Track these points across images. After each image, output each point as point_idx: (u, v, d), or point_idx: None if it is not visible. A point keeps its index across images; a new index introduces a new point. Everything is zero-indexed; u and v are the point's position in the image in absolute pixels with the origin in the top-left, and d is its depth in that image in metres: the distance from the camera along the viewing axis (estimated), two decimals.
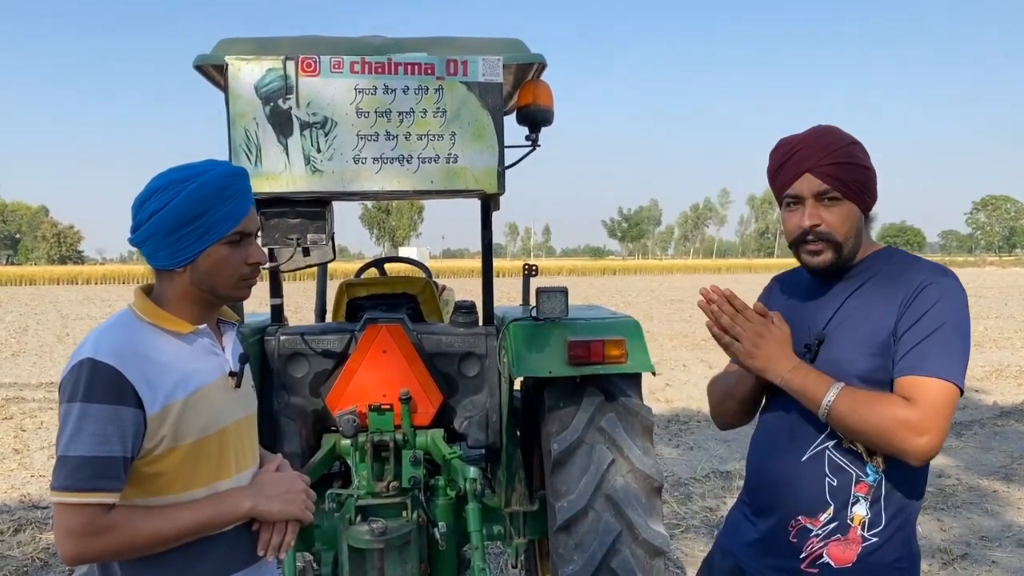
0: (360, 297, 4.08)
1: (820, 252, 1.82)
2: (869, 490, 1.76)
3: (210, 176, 1.72)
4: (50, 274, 60.08)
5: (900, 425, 1.64)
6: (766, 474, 1.91)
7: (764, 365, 1.81)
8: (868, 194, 1.83)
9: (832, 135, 1.84)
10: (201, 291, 1.77)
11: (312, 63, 2.93)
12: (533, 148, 3.40)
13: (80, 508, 1.60)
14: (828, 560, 1.77)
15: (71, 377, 1.63)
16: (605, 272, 76.11)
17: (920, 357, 1.68)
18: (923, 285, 1.73)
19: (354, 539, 3.00)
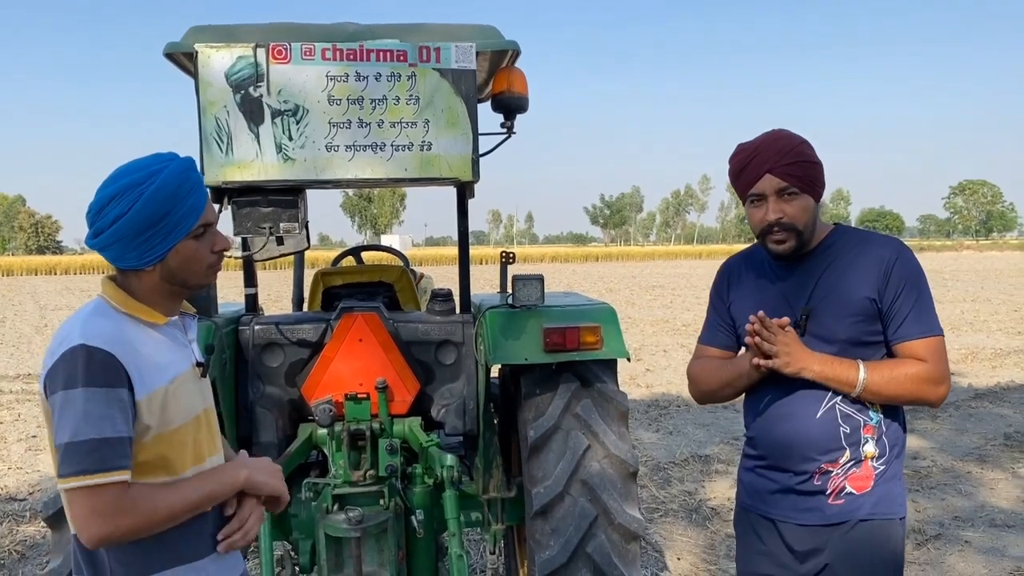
0: (336, 286, 4.06)
1: (784, 241, 2.10)
2: (874, 430, 2.10)
3: (167, 175, 1.71)
4: (28, 264, 59.47)
5: (924, 382, 2.03)
6: (782, 436, 2.16)
7: (799, 368, 2.06)
8: (819, 185, 2.12)
9: (785, 138, 2.12)
10: (172, 285, 1.79)
11: (283, 50, 2.90)
12: (508, 135, 3.39)
13: (102, 489, 1.60)
14: (851, 489, 2.10)
15: (65, 364, 1.63)
16: (587, 259, 76.26)
17: (915, 323, 2.06)
18: (893, 259, 2.07)
19: (331, 528, 3.00)
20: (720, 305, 2.37)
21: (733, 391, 2.28)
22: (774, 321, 2.07)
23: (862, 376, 2.03)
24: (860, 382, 2.04)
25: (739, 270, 2.36)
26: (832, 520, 2.11)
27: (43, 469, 6.86)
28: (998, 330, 15.60)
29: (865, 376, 2.03)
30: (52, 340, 1.73)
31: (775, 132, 2.17)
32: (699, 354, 2.42)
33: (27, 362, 13.11)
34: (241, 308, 3.78)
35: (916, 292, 2.07)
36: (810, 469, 2.12)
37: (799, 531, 2.16)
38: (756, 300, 2.22)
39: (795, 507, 2.16)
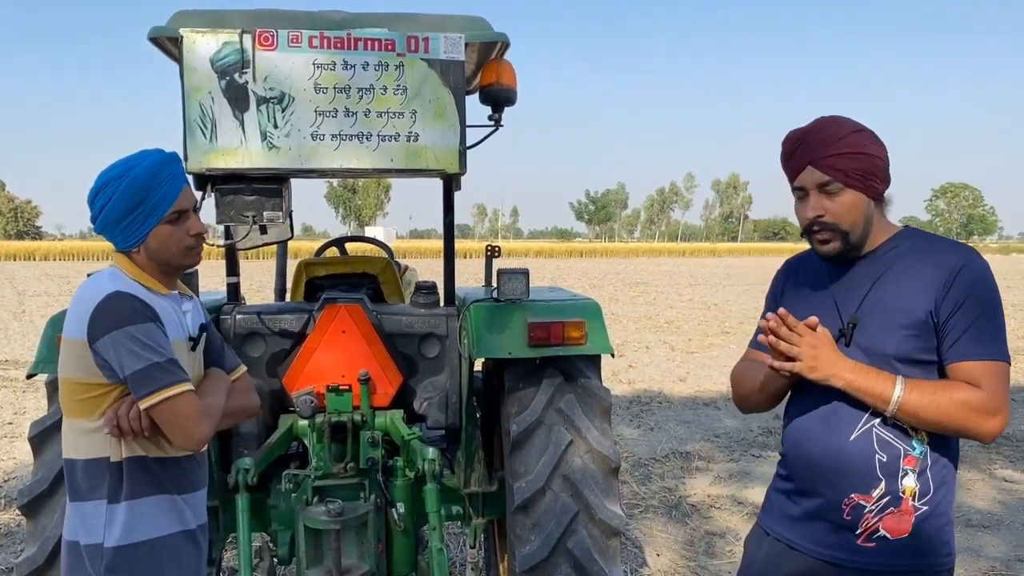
0: (319, 276, 4.03)
1: (828, 240, 1.90)
2: (916, 462, 1.84)
3: (140, 169, 2.02)
4: (6, 249, 58.75)
5: (973, 411, 1.76)
6: (810, 457, 1.94)
7: (827, 374, 1.83)
8: (874, 179, 1.88)
9: (832, 127, 1.90)
10: (158, 264, 2.10)
11: (269, 37, 2.87)
12: (496, 128, 3.37)
13: (188, 395, 1.98)
14: (884, 533, 1.85)
15: (105, 310, 1.94)
16: (572, 254, 76.33)
17: (974, 342, 1.78)
18: (959, 267, 1.80)
19: (311, 520, 2.98)
20: (773, 307, 2.12)
21: (766, 397, 2.06)
22: (804, 321, 1.85)
23: (897, 392, 1.78)
24: (895, 399, 1.78)
25: (796, 271, 2.15)
26: (858, 564, 1.87)
27: (19, 456, 6.78)
28: None
29: (901, 393, 1.78)
30: (76, 298, 2.04)
31: (825, 119, 1.94)
32: (744, 357, 2.21)
33: (4, 348, 12.96)
34: (223, 297, 3.75)
35: (979, 307, 1.78)
36: (839, 499, 1.88)
37: (817, 566, 1.93)
38: (806, 304, 2.00)
39: (820, 539, 1.93)
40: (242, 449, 3.38)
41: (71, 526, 2.08)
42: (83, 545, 2.03)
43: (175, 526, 2.11)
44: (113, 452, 2.04)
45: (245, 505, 2.97)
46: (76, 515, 2.07)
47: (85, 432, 2.04)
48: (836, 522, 1.90)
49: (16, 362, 11.48)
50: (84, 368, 2.00)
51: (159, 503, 2.08)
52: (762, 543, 2.11)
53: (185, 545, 2.14)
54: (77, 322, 1.99)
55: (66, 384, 2.06)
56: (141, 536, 2.04)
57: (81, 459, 2.05)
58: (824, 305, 1.97)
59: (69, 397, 2.06)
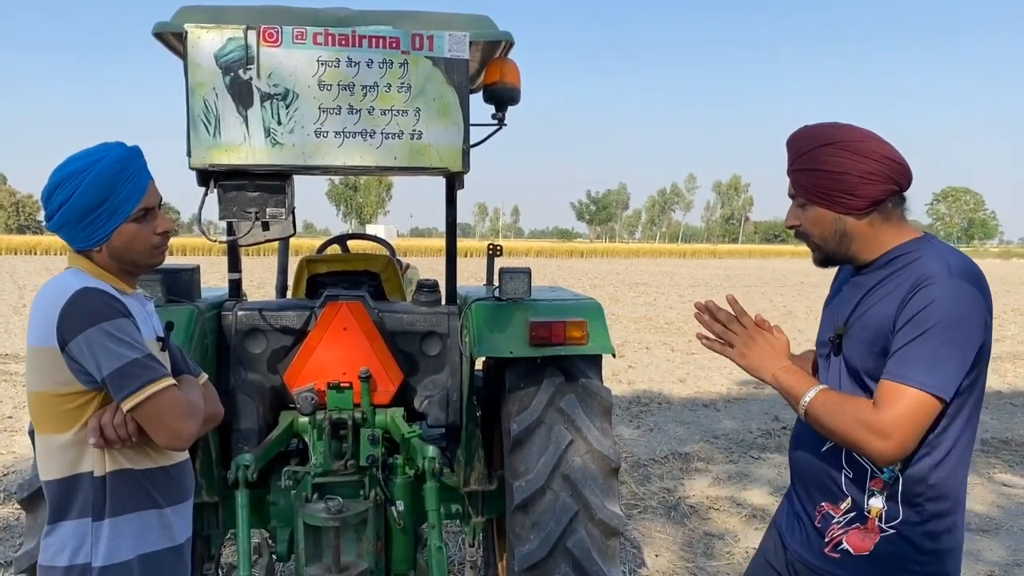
0: (321, 273, 4.03)
1: (811, 250, 1.93)
2: (884, 486, 1.79)
3: (105, 163, 1.90)
4: (7, 243, 58.75)
5: (863, 428, 1.69)
6: (796, 461, 2.02)
7: (755, 365, 1.90)
8: (841, 196, 1.80)
9: (803, 139, 1.87)
10: (121, 264, 1.99)
11: (274, 33, 2.87)
12: (500, 127, 3.37)
13: (173, 390, 1.87)
14: (847, 547, 1.85)
15: (73, 309, 1.81)
16: (572, 254, 76.31)
17: (900, 362, 1.68)
18: (921, 283, 1.69)
19: (310, 517, 2.98)
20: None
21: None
22: (754, 318, 1.94)
23: (807, 398, 1.79)
24: (803, 402, 1.80)
25: (839, 273, 2.11)
26: (824, 571, 1.89)
27: (18, 450, 6.78)
28: None
29: (810, 399, 1.79)
30: (39, 302, 1.88)
31: (804, 129, 1.90)
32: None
33: (4, 342, 12.96)
34: (224, 293, 3.74)
35: (922, 328, 1.65)
36: (814, 504, 1.93)
37: (797, 566, 1.99)
38: (828, 308, 2.04)
39: (801, 541, 1.98)
40: (242, 445, 3.38)
41: (51, 549, 1.93)
42: (67, 567, 1.90)
43: (163, 542, 2.01)
44: (96, 466, 1.91)
45: (245, 501, 2.97)
46: (56, 537, 1.93)
47: (64, 448, 1.90)
48: (809, 526, 1.95)
49: (16, 356, 11.48)
50: (57, 377, 1.86)
51: (145, 519, 1.97)
52: (770, 535, 2.20)
53: (173, 562, 2.05)
54: (43, 328, 1.84)
55: (39, 398, 1.91)
56: (127, 555, 1.93)
57: (62, 478, 1.91)
58: (830, 313, 2.01)
59: (43, 412, 1.91)
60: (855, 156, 1.79)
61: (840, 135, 1.82)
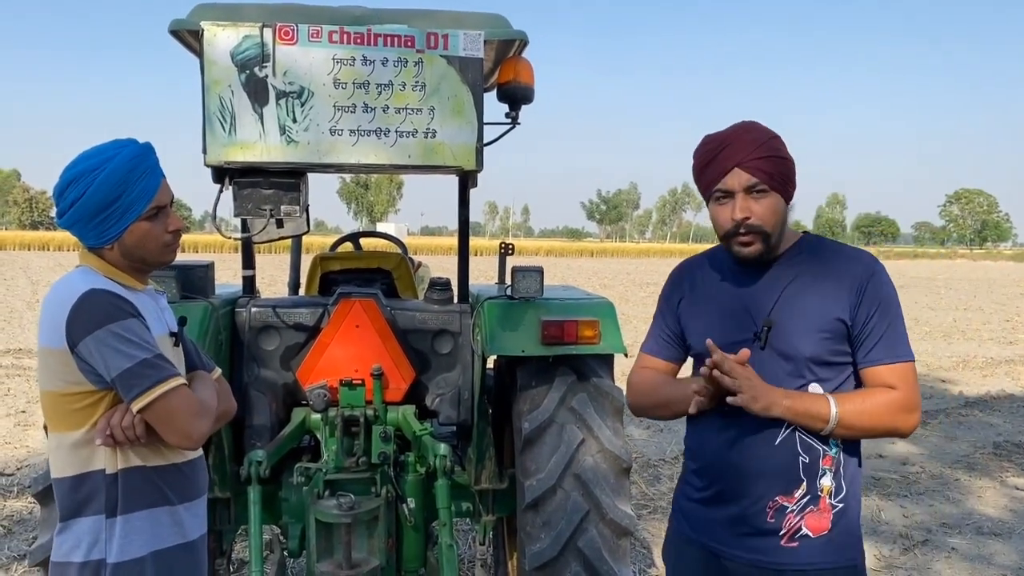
0: (334, 271, 4.05)
1: (751, 243, 1.92)
2: (833, 462, 1.91)
3: (118, 161, 1.88)
4: (21, 239, 59.22)
5: (898, 411, 1.86)
6: (732, 464, 1.95)
7: (766, 405, 1.84)
8: (791, 185, 1.94)
9: (756, 130, 1.95)
10: (132, 261, 1.97)
11: (290, 31, 2.88)
12: (513, 126, 3.37)
13: (183, 390, 1.87)
14: (807, 531, 1.90)
15: (81, 311, 1.81)
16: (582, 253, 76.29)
17: (888, 346, 1.88)
18: (869, 276, 1.89)
19: (322, 513, 2.99)
20: (668, 313, 2.17)
21: (671, 414, 2.08)
22: (733, 356, 1.84)
23: (834, 411, 1.83)
24: (832, 417, 1.83)
25: (695, 275, 2.14)
26: (784, 566, 1.90)
27: (32, 444, 6.83)
28: (990, 339, 15.65)
29: (837, 410, 1.83)
30: (48, 303, 1.88)
31: (746, 123, 1.98)
32: (640, 363, 2.22)
33: (18, 337, 13.05)
34: (238, 290, 3.76)
35: (890, 315, 1.88)
36: (763, 503, 1.91)
37: (747, 570, 1.95)
38: (713, 308, 2.04)
39: (744, 544, 1.95)
40: (255, 442, 3.39)
41: (65, 545, 1.93)
42: (82, 563, 1.91)
43: (175, 539, 2.01)
44: (108, 463, 1.91)
45: (257, 498, 2.98)
46: (71, 533, 1.93)
47: (76, 446, 1.91)
48: (759, 526, 1.92)
49: (29, 351, 11.55)
50: (67, 377, 1.87)
51: (157, 515, 1.97)
52: (686, 553, 2.10)
53: (185, 559, 2.04)
54: (53, 329, 1.85)
55: (50, 397, 1.92)
56: (139, 551, 1.93)
57: (75, 475, 1.92)
58: (734, 308, 1.99)
59: (55, 410, 1.92)
60: (787, 149, 1.96)
61: (774, 131, 1.97)
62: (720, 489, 1.99)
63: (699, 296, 2.09)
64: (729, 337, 1.95)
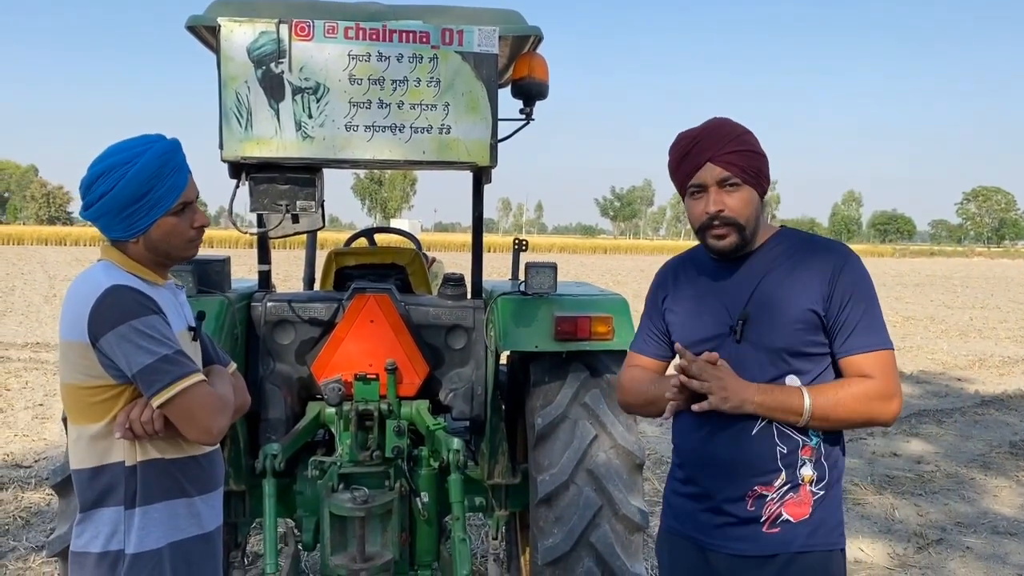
0: (348, 266, 4.07)
1: (725, 236, 1.94)
2: (812, 451, 1.92)
3: (149, 156, 1.91)
4: (38, 234, 59.71)
5: (874, 400, 1.86)
6: (711, 456, 1.98)
7: (738, 403, 1.86)
8: (764, 179, 1.97)
9: (728, 126, 1.98)
10: (156, 256, 2.00)
11: (306, 27, 2.89)
12: (527, 122, 3.37)
13: (202, 386, 1.89)
14: (787, 517, 1.92)
15: (104, 307, 1.83)
16: (596, 250, 76.16)
17: (863, 335, 1.89)
18: (840, 265, 1.91)
19: (336, 507, 3.01)
20: (654, 311, 2.19)
21: (658, 411, 2.07)
22: (702, 357, 1.88)
23: (807, 403, 1.85)
24: (806, 410, 1.85)
25: (678, 272, 2.17)
26: (767, 551, 1.92)
27: (49, 437, 6.91)
28: (1007, 338, 15.53)
29: (811, 403, 1.85)
30: (71, 297, 1.90)
31: (717, 120, 2.01)
32: (630, 362, 2.24)
33: (36, 331, 13.18)
34: (254, 284, 3.79)
35: (864, 303, 1.90)
36: (743, 492, 1.93)
37: (731, 561, 1.96)
38: (692, 303, 2.07)
39: (727, 535, 1.97)
40: (270, 435, 3.42)
41: (84, 536, 1.96)
42: (100, 553, 1.93)
43: (192, 530, 2.03)
44: (127, 455, 1.94)
45: (272, 491, 3.01)
46: (90, 524, 1.96)
47: (95, 438, 1.93)
48: (740, 516, 1.94)
49: (47, 345, 11.67)
50: (88, 371, 1.89)
51: (174, 507, 1.99)
52: (677, 548, 2.11)
53: (202, 550, 2.06)
54: (75, 323, 1.87)
55: (71, 390, 1.94)
56: (157, 543, 1.96)
57: (94, 467, 1.94)
58: (711, 304, 2.02)
59: (76, 403, 1.94)
60: (760, 145, 1.99)
61: (746, 127, 2.00)
62: (701, 483, 2.02)
63: (681, 293, 2.12)
64: (706, 332, 2.00)
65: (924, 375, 11.07)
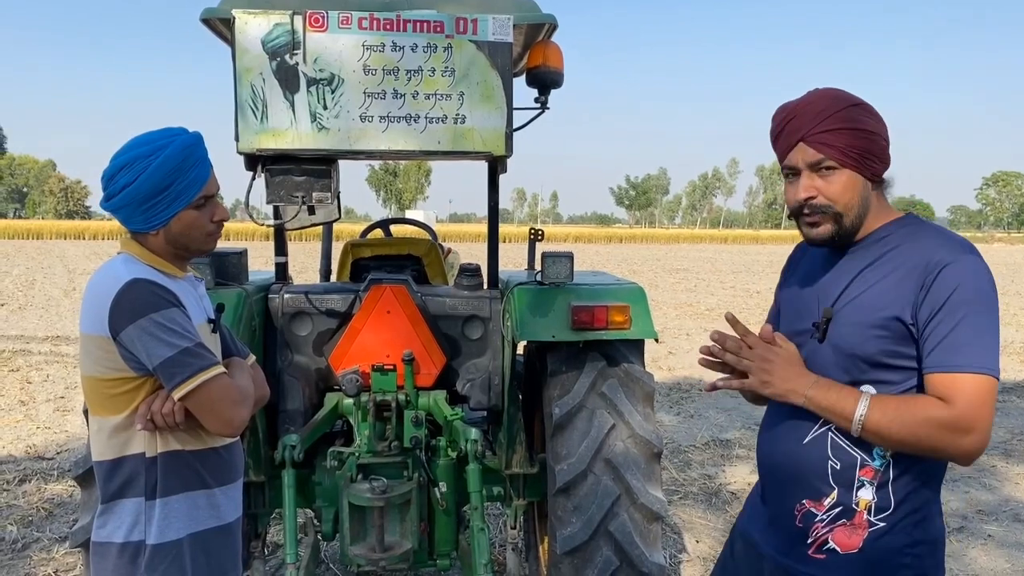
0: (365, 257, 4.07)
1: (819, 224, 1.74)
2: (875, 474, 1.69)
3: (173, 149, 1.92)
4: (57, 228, 60.16)
5: (942, 429, 1.57)
6: (771, 458, 1.87)
7: (782, 390, 1.71)
8: (873, 159, 1.72)
9: (826, 99, 1.74)
10: (175, 248, 2.02)
11: (320, 18, 2.89)
12: (542, 111, 3.36)
13: (223, 378, 1.91)
14: (834, 546, 1.73)
15: (124, 300, 1.85)
16: (611, 240, 75.93)
17: (951, 351, 1.59)
18: (941, 266, 1.62)
19: (355, 497, 3.02)
20: (777, 291, 2.05)
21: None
22: (761, 332, 1.72)
23: (861, 410, 1.62)
24: (858, 417, 1.63)
25: (801, 256, 2.00)
26: (812, 573, 1.75)
27: (71, 429, 6.97)
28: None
29: (865, 411, 1.62)
30: (91, 290, 1.92)
31: (818, 91, 1.78)
32: None
33: (56, 324, 13.30)
34: (271, 276, 3.80)
35: (961, 313, 1.58)
36: (791, 503, 1.79)
37: (778, 572, 1.84)
38: (794, 293, 1.91)
39: (779, 544, 1.83)
40: (288, 426, 3.44)
41: (107, 527, 1.98)
42: (122, 544, 1.96)
43: (212, 521, 2.05)
44: (148, 447, 1.95)
45: (291, 481, 3.02)
46: (112, 515, 1.98)
47: (116, 430, 1.95)
48: (789, 528, 1.80)
49: (67, 338, 11.77)
50: (109, 364, 1.90)
51: (194, 499, 2.01)
52: (736, 543, 2.04)
53: (221, 541, 2.08)
54: (95, 316, 1.88)
55: (91, 382, 1.95)
56: (177, 534, 1.97)
57: (115, 458, 1.96)
58: (808, 295, 1.85)
59: (96, 395, 1.96)
60: (879, 120, 1.75)
61: (860, 99, 1.76)
62: (766, 486, 1.92)
63: (792, 278, 1.96)
64: (792, 326, 1.85)
65: None
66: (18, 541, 4.61)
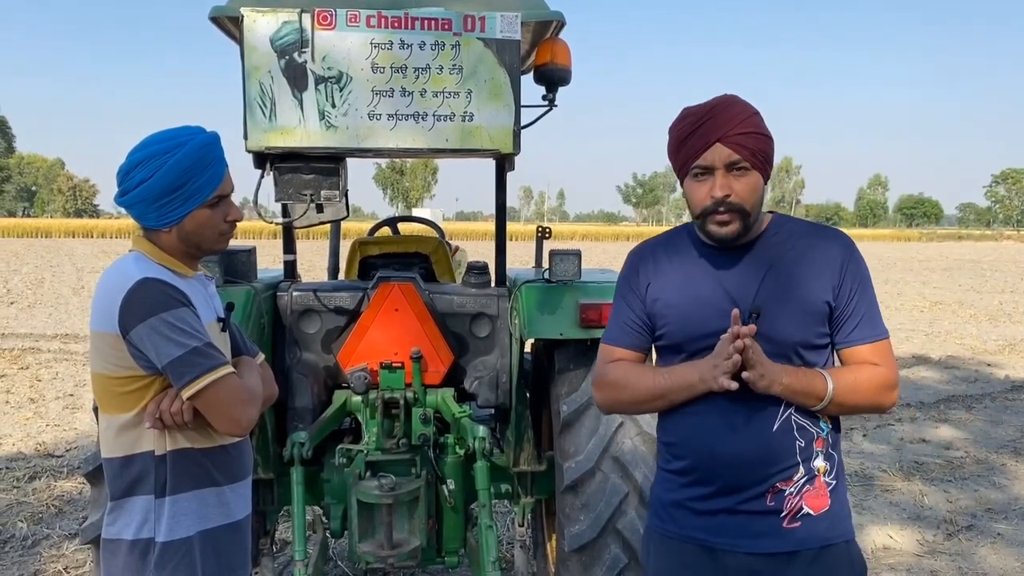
0: (373, 255, 4.08)
1: (729, 223, 1.82)
2: (824, 443, 1.90)
3: (189, 147, 1.92)
4: (66, 227, 60.52)
5: (884, 388, 1.87)
6: (731, 453, 1.86)
7: (768, 383, 1.78)
8: (770, 164, 1.87)
9: (739, 105, 1.85)
10: (187, 247, 2.02)
11: (328, 16, 2.89)
12: (550, 108, 3.36)
13: (232, 378, 1.91)
14: (808, 510, 1.88)
15: (134, 299, 1.85)
16: (619, 238, 75.85)
17: (870, 325, 1.89)
18: (847, 257, 1.89)
19: (363, 494, 3.03)
20: (634, 299, 2.01)
21: (666, 404, 1.93)
22: (742, 329, 1.74)
23: (831, 387, 1.81)
24: (829, 394, 1.80)
25: (659, 258, 2.01)
26: (789, 547, 1.85)
27: (80, 427, 7.01)
28: None
29: (833, 386, 1.81)
30: (102, 288, 1.92)
31: (727, 96, 1.88)
32: (610, 357, 2.04)
33: (65, 322, 13.37)
34: (279, 274, 3.81)
35: (868, 293, 1.89)
36: (762, 489, 1.85)
37: (748, 560, 1.87)
38: (690, 294, 1.92)
39: (744, 532, 1.87)
40: (297, 424, 3.45)
41: (117, 524, 1.99)
42: (132, 541, 1.96)
43: (221, 519, 2.05)
44: (157, 445, 1.96)
45: (299, 478, 3.03)
46: (122, 512, 1.98)
47: (125, 428, 1.95)
48: (759, 511, 1.86)
49: (76, 336, 11.83)
50: (118, 361, 1.91)
51: (204, 497, 2.01)
52: (669, 550, 1.99)
53: (230, 538, 2.08)
54: (105, 314, 1.89)
55: (101, 380, 1.96)
56: (187, 531, 1.98)
57: (125, 456, 1.97)
58: (714, 294, 1.89)
59: (106, 393, 1.96)
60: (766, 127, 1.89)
61: (755, 107, 1.90)
62: (714, 481, 1.89)
63: (670, 281, 1.96)
64: (712, 325, 1.86)
65: (953, 360, 10.94)
66: (28, 538, 4.63)
